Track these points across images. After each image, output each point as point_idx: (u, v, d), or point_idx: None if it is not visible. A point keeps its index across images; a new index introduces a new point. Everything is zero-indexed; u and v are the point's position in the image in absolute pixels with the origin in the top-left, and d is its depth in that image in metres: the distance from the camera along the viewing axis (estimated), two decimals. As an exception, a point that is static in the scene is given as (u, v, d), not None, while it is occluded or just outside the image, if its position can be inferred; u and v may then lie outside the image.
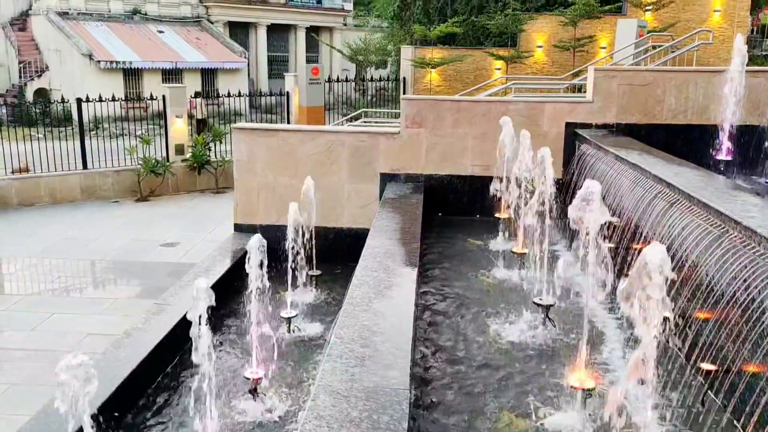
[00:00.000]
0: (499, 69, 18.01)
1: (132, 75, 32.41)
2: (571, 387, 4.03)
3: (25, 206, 14.68)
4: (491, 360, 4.85)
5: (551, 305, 5.23)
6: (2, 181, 14.66)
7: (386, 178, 8.96)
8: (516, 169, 6.84)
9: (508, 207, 7.26)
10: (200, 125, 24.34)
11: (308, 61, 40.48)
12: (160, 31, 35.12)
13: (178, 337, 5.97)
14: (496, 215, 7.84)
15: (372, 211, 8.44)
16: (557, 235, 7.48)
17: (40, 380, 6.80)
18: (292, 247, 7.26)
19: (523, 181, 6.83)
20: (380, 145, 9.01)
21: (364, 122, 15.14)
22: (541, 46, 18.05)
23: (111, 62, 31.34)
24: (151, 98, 16.94)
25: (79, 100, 15.43)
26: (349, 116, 16.56)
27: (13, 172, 15.79)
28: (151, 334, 5.98)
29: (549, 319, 5.23)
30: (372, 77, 22.45)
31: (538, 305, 5.26)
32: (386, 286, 4.97)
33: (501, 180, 7.42)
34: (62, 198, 15.05)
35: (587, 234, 3.72)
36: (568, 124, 8.66)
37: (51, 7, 32.74)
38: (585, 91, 9.89)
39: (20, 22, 34.32)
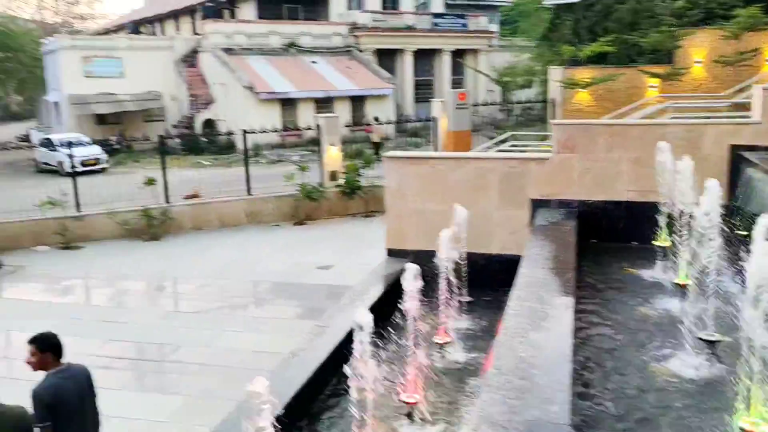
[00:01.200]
0: (653, 87, 17.31)
1: (288, 104, 34.38)
2: (742, 430, 3.85)
3: (197, 230, 16.02)
4: (652, 396, 4.71)
5: (718, 341, 4.99)
6: (178, 207, 16.08)
7: (537, 204, 8.91)
8: (677, 194, 6.59)
9: (669, 234, 6.99)
10: (377, 147, 25.50)
11: (454, 83, 40.91)
12: (314, 62, 37.01)
13: (338, 358, 6.31)
14: (655, 243, 7.56)
15: (522, 238, 8.43)
16: (722, 265, 7.09)
17: (215, 394, 7.41)
18: (443, 273, 7.42)
19: (685, 208, 6.56)
20: (530, 170, 8.98)
21: (512, 145, 15.11)
22: (699, 62, 17.16)
23: (269, 93, 33.44)
24: (308, 128, 17.93)
25: (244, 132, 16.65)
26: (496, 139, 16.58)
27: (185, 198, 17.32)
28: (314, 354, 6.36)
29: (715, 355, 5.00)
30: (519, 100, 22.29)
31: (704, 341, 5.04)
32: (541, 317, 4.99)
33: (660, 206, 7.16)
34: (229, 222, 16.27)
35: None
36: (732, 147, 8.19)
37: (217, 44, 35.55)
38: (750, 110, 9.31)
39: (191, 59, 37.57)
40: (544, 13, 24.99)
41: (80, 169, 16.03)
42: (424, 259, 7.85)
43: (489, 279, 8.50)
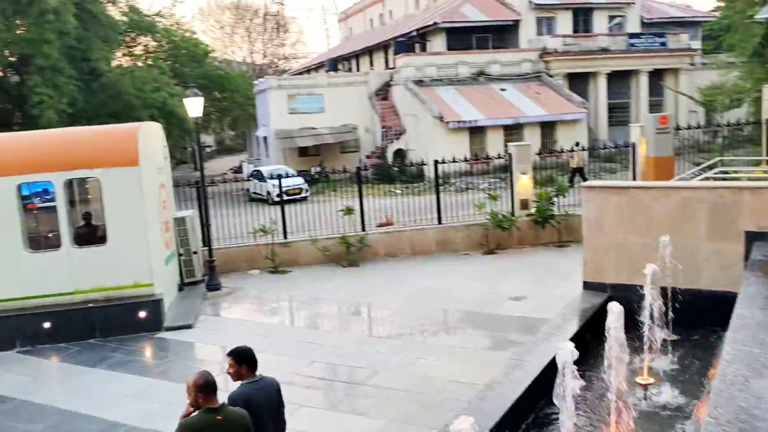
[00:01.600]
0: None
1: (476, 132, 34.69)
2: None
3: (391, 257, 16.63)
4: None
5: None
6: (374, 234, 16.83)
7: (753, 237, 8.22)
8: None
9: None
10: (576, 174, 25.11)
11: (651, 105, 38.85)
12: (503, 89, 37.08)
13: (535, 393, 6.26)
14: None
15: (735, 273, 7.82)
16: None
17: (413, 420, 7.64)
18: (648, 310, 7.08)
19: None
20: (745, 200, 8.33)
21: (720, 172, 14.01)
22: None
23: (458, 122, 34.00)
24: (499, 157, 17.97)
25: (436, 162, 17.08)
26: (702, 166, 15.47)
27: (378, 226, 18.09)
28: (510, 388, 6.35)
29: None
30: (728, 122, 20.63)
31: None
32: (764, 364, 4.60)
33: None
34: (420, 250, 16.71)
35: None
36: None
37: (408, 77, 36.89)
38: None
39: (383, 92, 39.35)
40: (755, 28, 23.03)
41: (285, 198, 17.34)
42: (624, 294, 7.56)
43: (696, 316, 7.97)
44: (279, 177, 17.84)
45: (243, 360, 5.22)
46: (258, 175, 30.47)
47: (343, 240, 16.00)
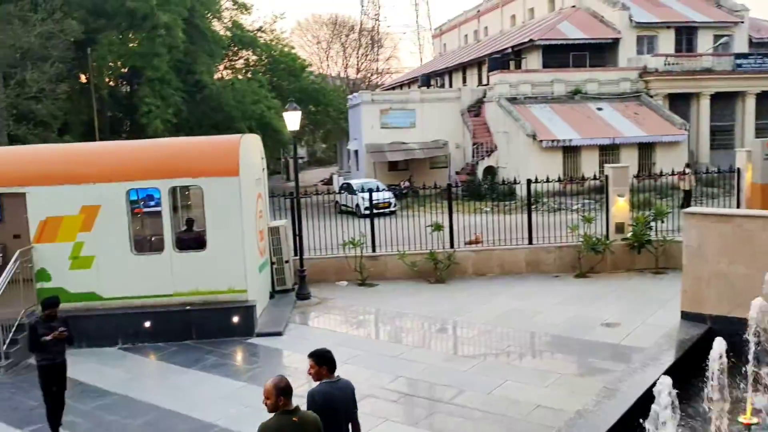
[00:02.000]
0: None
1: (570, 151, 33.97)
2: None
3: (479, 275, 16.51)
4: None
5: None
6: (462, 252, 16.77)
7: None
8: None
9: None
10: (687, 196, 24.30)
11: (758, 129, 37.02)
12: (599, 109, 36.19)
13: (628, 425, 6.06)
14: None
15: None
16: None
17: (498, 443, 7.54)
18: (753, 345, 6.73)
19: None
20: None
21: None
22: None
23: (552, 141, 33.41)
24: (594, 178, 17.55)
25: (528, 181, 16.86)
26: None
27: (467, 243, 17.99)
28: (602, 418, 6.18)
29: None
30: None
31: None
32: None
33: None
34: (509, 270, 16.51)
35: None
36: None
37: (502, 94, 36.62)
38: None
39: (476, 108, 39.21)
40: None
41: (374, 211, 17.56)
42: (725, 326, 7.22)
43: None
44: (370, 191, 18.06)
45: (323, 361, 5.62)
46: (348, 188, 30.96)
47: (431, 256, 16.02)
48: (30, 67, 25.14)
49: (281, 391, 4.94)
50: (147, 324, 12.44)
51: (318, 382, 5.58)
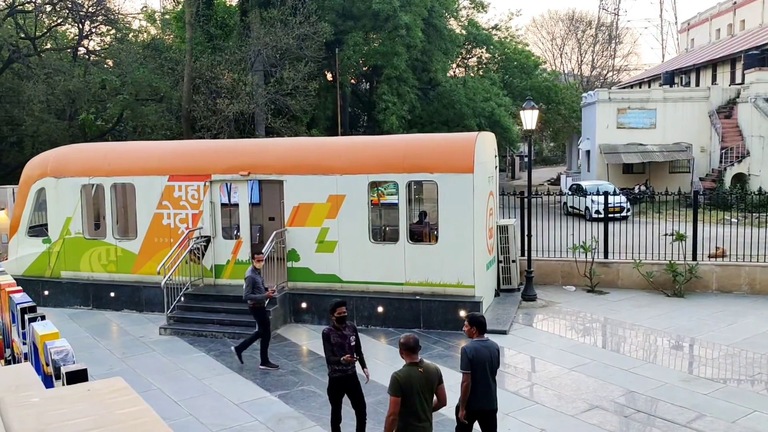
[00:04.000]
0: None
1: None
2: None
3: (723, 292, 15.13)
4: None
5: None
6: (705, 266, 15.47)
7: None
8: None
9: None
10: None
11: None
12: None
13: None
14: None
15: None
16: None
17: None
18: None
19: None
20: None
21: None
22: None
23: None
24: None
25: (789, 193, 15.07)
26: None
27: (709, 257, 16.53)
28: None
29: None
30: None
31: None
32: None
33: None
34: (761, 289, 14.91)
35: None
36: None
37: (759, 94, 33.01)
38: None
39: (726, 109, 35.74)
40: None
41: (603, 215, 16.82)
42: None
43: None
44: (606, 194, 17.33)
45: (474, 323, 7.02)
46: (577, 189, 29.98)
47: (671, 267, 14.98)
48: (287, 66, 27.71)
49: (405, 347, 6.23)
50: (380, 309, 13.18)
51: (471, 339, 6.91)
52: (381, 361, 11.63)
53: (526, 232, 15.36)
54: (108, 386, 3.04)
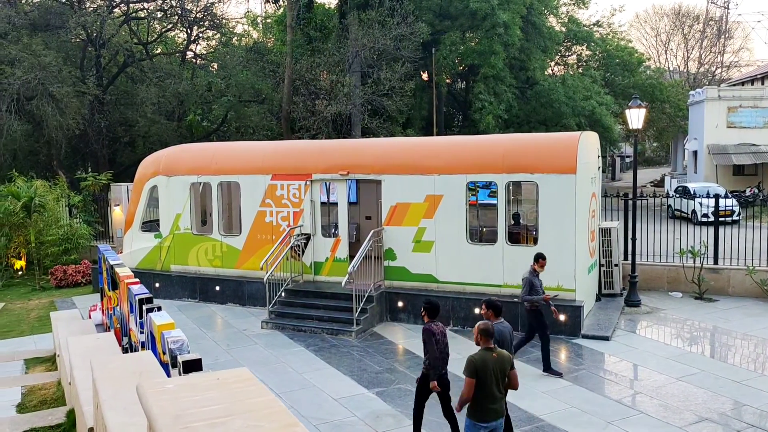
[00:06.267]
0: None
1: None
2: None
3: None
4: None
5: None
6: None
7: None
8: None
9: None
10: None
11: None
12: None
13: None
14: None
15: None
16: None
17: None
18: None
19: None
20: None
21: None
22: None
23: None
24: None
25: None
26: None
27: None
28: None
29: None
30: None
31: None
32: None
33: None
34: None
35: None
36: None
37: None
38: None
39: None
40: None
41: (712, 219, 15.99)
42: None
43: None
44: (716, 196, 16.48)
45: (491, 306, 8.25)
46: (683, 192, 28.68)
47: (786, 275, 14.10)
48: (384, 67, 27.98)
49: (482, 332, 6.71)
50: (477, 311, 13.07)
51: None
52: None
53: (630, 236, 14.82)
54: (235, 376, 3.19)
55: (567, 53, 44.66)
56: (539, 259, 11.00)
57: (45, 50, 24.65)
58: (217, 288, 15.88)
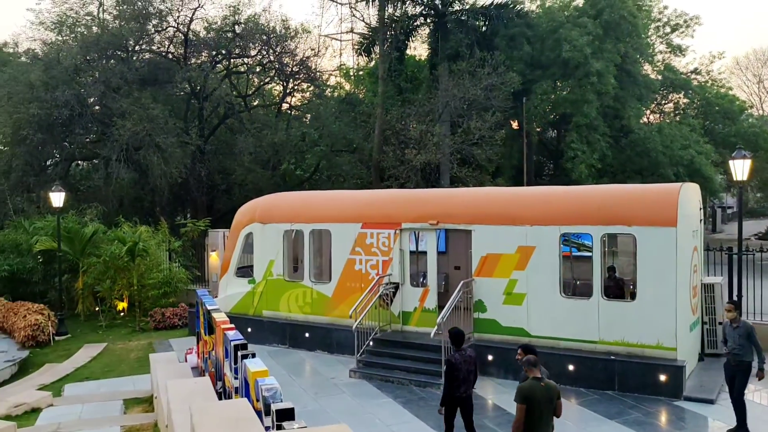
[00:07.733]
0: None
1: None
2: None
3: None
4: None
5: None
6: None
7: None
8: None
9: None
10: None
11: None
12: None
13: None
14: None
15: None
16: None
17: None
18: None
19: None
20: None
21: None
22: None
23: None
24: None
25: None
26: None
27: None
28: None
29: None
30: None
31: None
32: None
33: None
34: None
35: None
36: None
37: None
38: None
39: None
40: None
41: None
42: None
43: None
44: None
45: (528, 352, 8.07)
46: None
47: None
48: (474, 116, 28.08)
49: (528, 363, 7.57)
50: (570, 367, 12.62)
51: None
52: (572, 423, 11.05)
53: (735, 292, 13.98)
54: (333, 432, 3.17)
55: (663, 101, 43.44)
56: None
57: (153, 103, 26.24)
58: (307, 335, 16.06)
